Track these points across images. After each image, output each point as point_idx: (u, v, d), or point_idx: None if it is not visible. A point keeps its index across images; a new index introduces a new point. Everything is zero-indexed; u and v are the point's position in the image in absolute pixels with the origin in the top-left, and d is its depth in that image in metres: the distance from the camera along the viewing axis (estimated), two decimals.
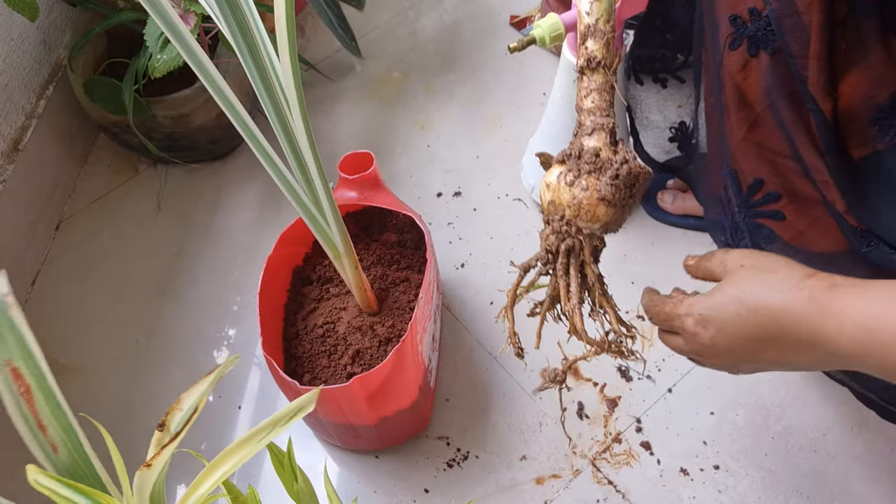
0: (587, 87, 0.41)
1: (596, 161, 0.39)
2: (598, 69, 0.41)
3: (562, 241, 0.40)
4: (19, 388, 0.45)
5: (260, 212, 1.12)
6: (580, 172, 0.39)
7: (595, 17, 0.40)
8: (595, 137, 0.40)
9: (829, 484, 0.84)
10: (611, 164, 0.39)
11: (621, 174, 0.39)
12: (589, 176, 0.38)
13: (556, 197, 0.39)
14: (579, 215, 0.39)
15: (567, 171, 0.39)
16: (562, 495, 0.85)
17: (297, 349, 0.85)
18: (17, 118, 1.07)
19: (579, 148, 0.39)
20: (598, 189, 0.38)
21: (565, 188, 0.39)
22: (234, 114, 0.62)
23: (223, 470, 0.43)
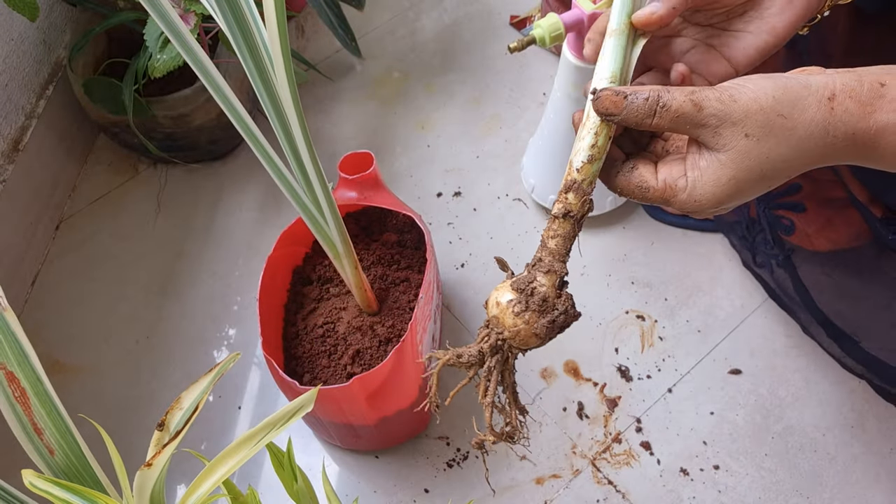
0: (555, 231, 0.49)
1: (542, 305, 0.47)
2: (570, 219, 0.48)
3: (495, 352, 0.49)
4: (14, 392, 0.45)
5: (260, 212, 1.12)
6: (527, 308, 0.47)
7: (583, 177, 0.46)
8: (547, 278, 0.48)
9: (828, 484, 0.84)
10: (553, 311, 0.48)
11: (557, 321, 0.48)
12: (532, 314, 0.47)
13: (502, 318, 0.48)
14: (514, 338, 0.48)
15: (517, 303, 0.47)
16: (562, 495, 0.85)
17: (297, 349, 0.85)
18: (17, 118, 1.07)
19: (532, 287, 0.48)
20: (535, 327, 0.47)
21: (511, 315, 0.48)
22: (234, 114, 0.62)
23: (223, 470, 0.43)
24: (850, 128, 0.41)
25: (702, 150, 0.44)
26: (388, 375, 0.74)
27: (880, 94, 0.41)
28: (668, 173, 0.45)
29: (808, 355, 0.92)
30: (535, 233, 1.05)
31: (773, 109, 0.41)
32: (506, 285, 0.49)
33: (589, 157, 0.46)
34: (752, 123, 0.41)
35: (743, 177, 0.42)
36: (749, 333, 0.95)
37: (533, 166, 1.03)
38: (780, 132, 0.41)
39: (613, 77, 0.47)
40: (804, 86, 0.41)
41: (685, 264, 1.01)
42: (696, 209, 0.45)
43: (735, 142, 0.41)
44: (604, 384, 0.92)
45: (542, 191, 1.03)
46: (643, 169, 0.47)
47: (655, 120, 0.43)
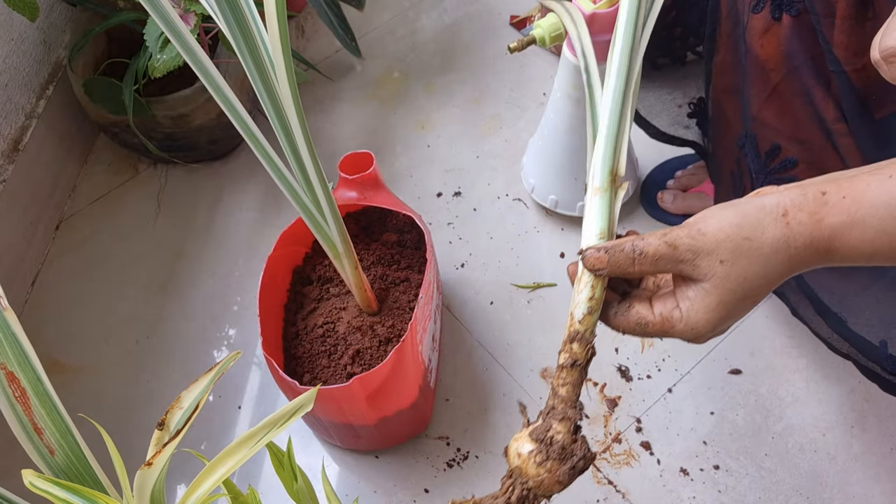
0: (564, 379, 0.51)
1: (562, 453, 0.49)
2: (577, 368, 0.51)
3: (522, 502, 0.51)
4: (14, 392, 0.45)
5: (260, 212, 1.12)
6: (547, 457, 0.49)
7: (585, 327, 0.50)
8: (563, 425, 0.50)
9: (828, 484, 0.84)
10: (572, 457, 0.50)
11: (578, 466, 0.50)
12: (554, 462, 0.49)
13: (525, 468, 0.50)
14: (538, 487, 0.50)
15: (538, 452, 0.49)
16: (562, 495, 0.85)
17: (297, 349, 0.85)
18: (17, 118, 1.07)
19: (550, 436, 0.50)
20: (558, 475, 0.49)
21: (534, 465, 0.49)
22: (234, 114, 0.62)
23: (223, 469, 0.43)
24: (806, 237, 0.45)
25: (687, 283, 0.48)
26: (388, 375, 0.74)
27: (823, 201, 0.45)
28: (662, 307, 0.49)
29: (808, 355, 0.92)
30: (535, 233, 1.05)
31: (738, 234, 0.45)
32: (524, 435, 0.51)
33: (588, 308, 0.50)
34: (724, 250, 0.46)
35: (728, 299, 0.47)
36: (749, 333, 0.95)
37: (533, 166, 1.03)
38: (749, 253, 0.45)
39: (602, 234, 0.54)
40: (759, 208, 0.46)
41: None
42: (695, 336, 0.49)
43: (713, 269, 0.46)
44: (604, 384, 0.92)
45: (542, 191, 1.03)
46: (639, 307, 0.51)
47: (637, 267, 0.48)
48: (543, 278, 1.01)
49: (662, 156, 1.09)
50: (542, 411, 0.52)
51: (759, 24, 0.64)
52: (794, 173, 0.69)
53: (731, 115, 0.77)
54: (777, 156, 0.70)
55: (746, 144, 0.72)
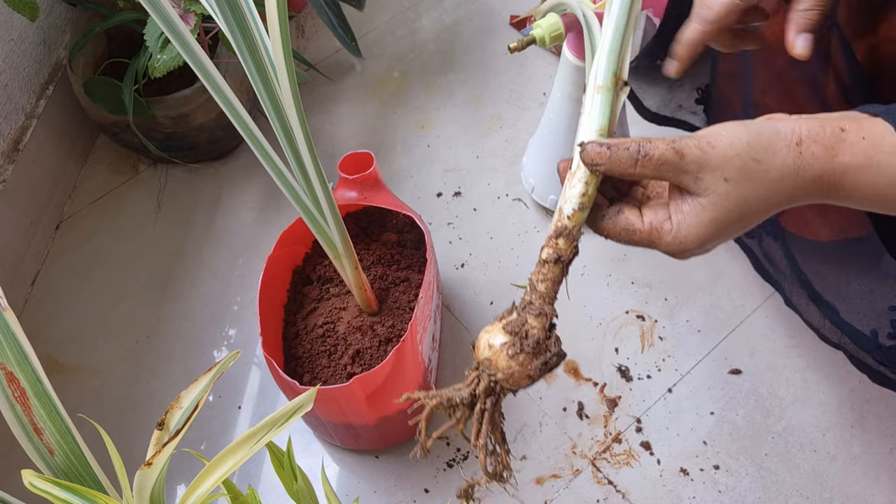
0: (545, 275, 0.49)
1: (536, 348, 0.48)
2: (559, 264, 0.49)
3: (488, 394, 0.50)
4: (14, 392, 0.45)
5: (260, 212, 1.12)
6: (521, 350, 0.48)
7: (573, 224, 0.48)
8: (538, 321, 0.48)
9: (828, 484, 0.84)
10: (546, 353, 0.49)
11: (550, 363, 0.49)
12: (526, 356, 0.48)
13: (496, 360, 0.49)
14: (507, 380, 0.49)
15: (511, 345, 0.48)
16: (562, 495, 0.85)
17: (297, 349, 0.85)
18: (17, 118, 1.07)
19: (525, 330, 0.48)
20: (529, 369, 0.48)
21: (505, 358, 0.48)
22: (233, 114, 0.62)
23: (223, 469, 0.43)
24: (816, 170, 0.44)
25: (684, 195, 0.46)
26: (388, 375, 0.74)
27: (841, 138, 0.44)
28: (653, 216, 0.48)
29: (808, 355, 0.92)
30: (535, 233, 1.05)
31: (748, 154, 0.44)
32: (497, 327, 0.50)
33: (580, 205, 0.48)
34: (730, 168, 0.44)
35: (723, 218, 0.45)
36: (749, 333, 0.95)
37: (533, 166, 1.03)
38: (756, 175, 0.44)
39: (602, 130, 0.50)
40: (774, 132, 0.44)
41: (685, 264, 1.01)
42: (681, 250, 0.48)
43: (715, 186, 0.44)
44: (604, 384, 0.92)
45: (542, 191, 1.03)
46: (629, 213, 0.49)
47: (638, 169, 0.46)
48: None
49: None
50: (517, 306, 0.50)
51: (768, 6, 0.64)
52: None
53: (734, 101, 0.77)
54: None
55: None
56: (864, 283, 0.73)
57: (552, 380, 0.93)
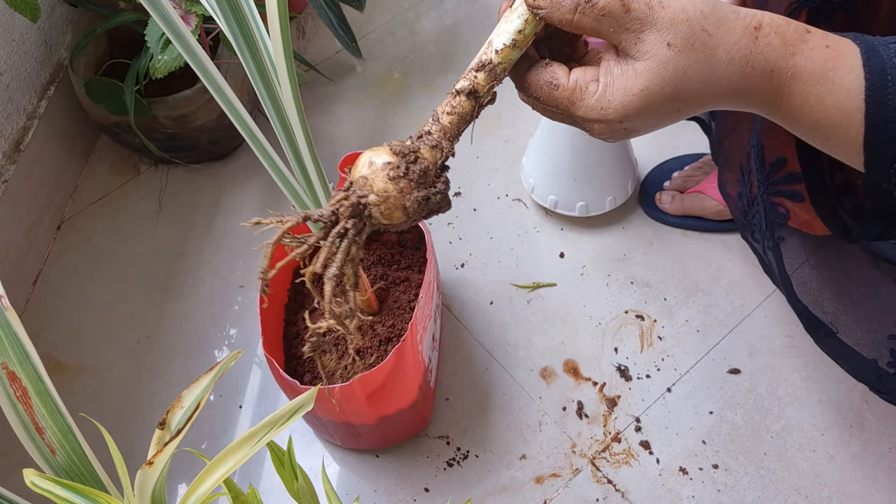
0: (453, 108, 0.44)
1: (422, 177, 0.43)
2: (472, 100, 0.44)
3: (353, 215, 0.43)
4: (16, 392, 0.45)
5: (261, 212, 1.12)
6: (405, 175, 0.42)
7: (500, 60, 0.43)
8: (432, 154, 0.43)
9: (827, 483, 0.84)
10: (430, 187, 0.43)
11: (432, 199, 0.44)
12: (409, 183, 0.42)
13: (373, 179, 0.42)
14: (380, 206, 0.42)
15: (395, 167, 0.42)
16: (561, 494, 0.86)
17: (297, 349, 0.85)
18: (18, 118, 1.07)
19: (416, 156, 0.43)
20: (407, 198, 0.42)
21: (384, 178, 0.42)
22: (234, 114, 0.62)
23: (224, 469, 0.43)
24: (769, 63, 0.41)
25: (619, 58, 0.43)
26: (389, 375, 0.74)
27: (804, 38, 0.40)
28: (580, 75, 0.44)
29: (806, 355, 0.92)
30: (535, 233, 1.06)
31: (698, 23, 0.40)
32: (384, 148, 0.44)
33: (513, 41, 0.43)
34: (676, 33, 0.40)
35: (656, 90, 0.41)
36: (748, 333, 0.95)
37: (533, 166, 1.03)
38: (702, 49, 0.40)
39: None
40: (734, 10, 0.41)
41: (684, 264, 1.01)
42: (600, 117, 0.43)
43: (656, 50, 0.41)
44: (603, 384, 0.93)
45: (541, 191, 1.03)
46: (557, 67, 0.45)
47: (577, 16, 0.41)
48: (543, 278, 1.01)
49: (662, 156, 1.09)
50: (412, 136, 0.45)
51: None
52: (798, 188, 0.68)
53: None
54: (782, 168, 0.69)
55: (752, 152, 0.72)
56: (862, 312, 0.72)
57: (552, 379, 0.93)
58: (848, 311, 0.73)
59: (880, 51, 0.40)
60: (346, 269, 0.44)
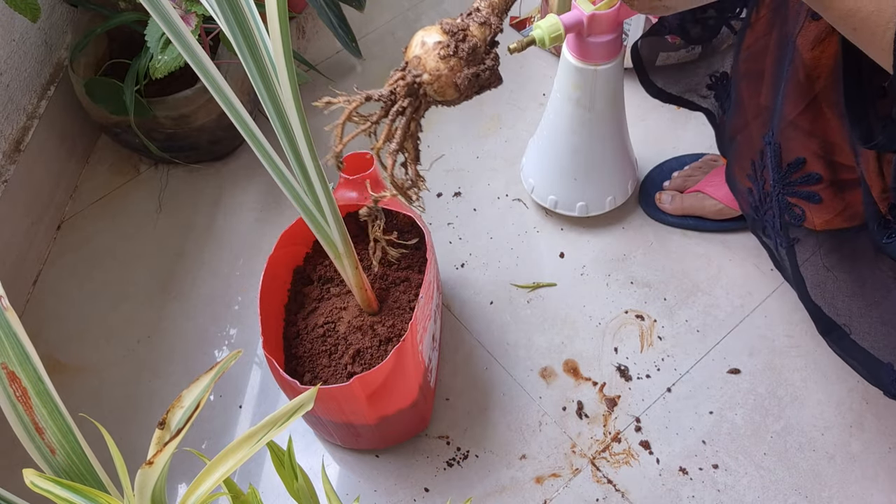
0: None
1: (471, 54, 0.44)
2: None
3: (409, 94, 0.45)
4: (15, 392, 0.45)
5: (261, 212, 1.12)
6: (455, 53, 0.44)
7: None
8: (481, 31, 0.44)
9: (827, 483, 0.84)
10: (479, 64, 0.44)
11: (482, 76, 0.45)
12: (459, 61, 0.44)
13: (425, 59, 0.44)
14: (433, 84, 0.44)
15: (445, 46, 0.44)
16: (561, 494, 0.86)
17: (297, 349, 0.85)
18: (18, 118, 1.07)
19: (464, 33, 0.44)
20: (458, 76, 0.44)
21: (435, 58, 0.44)
22: (234, 114, 0.62)
23: (224, 469, 0.43)
24: None
25: None
26: (389, 375, 0.74)
27: None
28: None
29: (806, 355, 0.93)
30: (535, 233, 1.06)
31: None
32: (436, 27, 0.45)
33: None
34: None
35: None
36: (748, 333, 0.95)
37: (533, 166, 1.03)
38: None
39: None
40: None
41: (684, 264, 1.01)
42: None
43: None
44: (603, 384, 0.93)
45: (541, 191, 1.03)
46: None
47: None
48: (543, 278, 1.01)
49: (661, 156, 1.09)
50: (462, 13, 0.46)
51: (814, 31, 0.61)
52: (816, 189, 0.68)
53: (748, 107, 0.76)
54: (800, 169, 0.68)
55: (768, 150, 0.71)
56: (876, 315, 0.72)
57: (552, 379, 0.93)
58: (862, 313, 0.73)
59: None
60: (407, 143, 0.47)
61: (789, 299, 0.96)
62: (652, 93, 0.90)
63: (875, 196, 0.61)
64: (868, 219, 0.63)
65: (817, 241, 0.75)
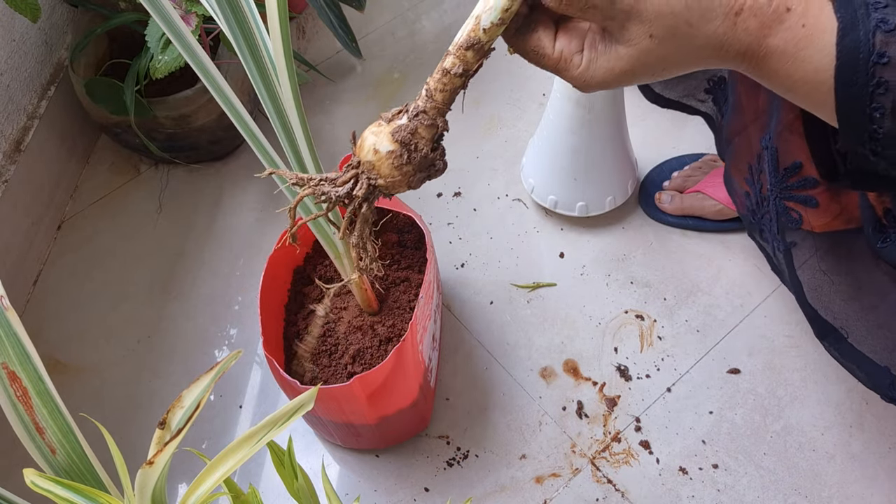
0: (445, 85, 0.47)
1: (423, 161, 0.48)
2: (462, 77, 0.47)
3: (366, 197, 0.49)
4: (16, 392, 0.45)
5: (261, 211, 1.12)
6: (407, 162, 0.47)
7: (488, 38, 0.46)
8: (429, 133, 0.47)
9: (827, 483, 0.84)
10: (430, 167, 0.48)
11: (432, 176, 0.49)
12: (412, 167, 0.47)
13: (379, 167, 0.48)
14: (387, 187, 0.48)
15: (399, 156, 0.47)
16: (561, 494, 0.86)
17: (297, 348, 0.85)
18: (19, 118, 1.07)
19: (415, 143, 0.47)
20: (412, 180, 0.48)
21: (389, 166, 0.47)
22: (234, 114, 0.62)
23: (224, 468, 0.43)
24: (743, 46, 0.43)
25: (604, 35, 0.44)
26: (389, 375, 0.74)
27: (781, 19, 0.42)
28: (566, 45, 0.46)
29: (806, 355, 0.93)
30: (535, 233, 1.06)
31: (682, 16, 0.42)
32: (385, 131, 0.48)
33: (500, 19, 0.45)
34: (660, 26, 0.42)
35: (637, 71, 0.44)
36: (748, 333, 0.95)
37: (533, 166, 1.03)
38: (682, 39, 0.42)
39: None
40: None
41: (684, 264, 1.01)
42: (582, 86, 0.47)
43: (639, 39, 0.43)
44: (603, 383, 0.93)
45: (541, 191, 1.03)
46: (543, 34, 0.46)
47: (564, 5, 0.43)
48: (543, 278, 1.01)
49: (661, 156, 1.09)
50: (409, 110, 0.48)
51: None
52: (813, 193, 0.68)
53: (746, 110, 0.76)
54: (797, 173, 0.68)
55: (765, 154, 0.71)
56: (873, 318, 0.71)
57: (552, 379, 0.93)
58: (859, 316, 0.72)
59: (859, 26, 0.41)
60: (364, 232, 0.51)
61: (789, 300, 0.96)
62: (650, 98, 0.90)
63: (871, 199, 0.60)
64: (864, 222, 0.63)
65: (814, 244, 0.75)
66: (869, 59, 0.41)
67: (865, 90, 0.41)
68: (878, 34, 0.41)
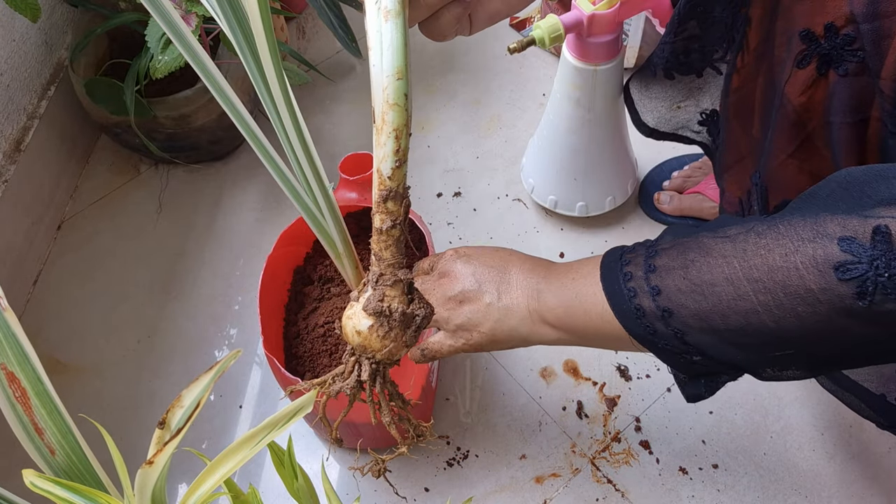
0: (386, 242, 0.48)
1: (404, 319, 0.48)
2: (398, 227, 0.48)
3: (373, 377, 0.50)
4: (15, 392, 0.45)
5: (261, 211, 1.12)
6: (391, 328, 0.48)
7: (396, 183, 0.46)
8: (396, 290, 0.48)
9: (827, 483, 0.84)
10: (414, 319, 0.49)
11: (422, 325, 0.49)
12: (398, 331, 0.48)
13: (370, 344, 0.48)
14: (388, 357, 0.49)
15: (379, 327, 0.48)
16: (561, 494, 0.86)
17: (298, 348, 0.85)
18: (18, 118, 1.07)
19: (387, 307, 0.48)
20: (405, 340, 0.49)
21: (377, 339, 0.48)
22: (235, 114, 0.62)
23: (224, 469, 0.43)
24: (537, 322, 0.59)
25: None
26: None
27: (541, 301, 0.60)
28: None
29: None
30: (535, 233, 1.06)
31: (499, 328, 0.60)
32: (357, 312, 0.49)
33: (396, 161, 0.46)
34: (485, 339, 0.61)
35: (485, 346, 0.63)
36: None
37: (533, 166, 1.03)
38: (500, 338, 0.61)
39: (399, 72, 0.47)
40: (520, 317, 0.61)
41: None
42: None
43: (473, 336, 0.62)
44: (603, 383, 0.93)
45: (541, 191, 1.03)
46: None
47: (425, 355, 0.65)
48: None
49: (661, 156, 1.09)
50: (370, 279, 0.49)
51: (802, 79, 0.60)
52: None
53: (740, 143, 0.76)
54: None
55: (755, 192, 0.71)
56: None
57: (552, 379, 0.93)
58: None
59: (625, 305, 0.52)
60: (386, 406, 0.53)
61: None
62: (645, 133, 0.90)
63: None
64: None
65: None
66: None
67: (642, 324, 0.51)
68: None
